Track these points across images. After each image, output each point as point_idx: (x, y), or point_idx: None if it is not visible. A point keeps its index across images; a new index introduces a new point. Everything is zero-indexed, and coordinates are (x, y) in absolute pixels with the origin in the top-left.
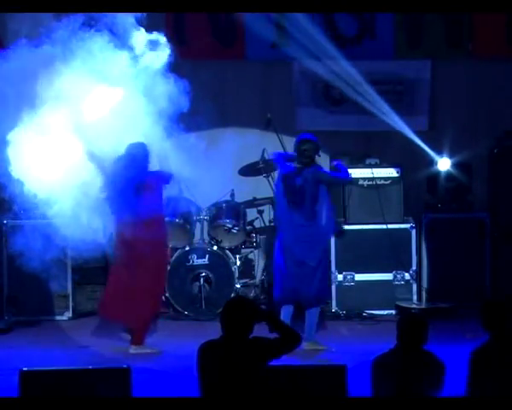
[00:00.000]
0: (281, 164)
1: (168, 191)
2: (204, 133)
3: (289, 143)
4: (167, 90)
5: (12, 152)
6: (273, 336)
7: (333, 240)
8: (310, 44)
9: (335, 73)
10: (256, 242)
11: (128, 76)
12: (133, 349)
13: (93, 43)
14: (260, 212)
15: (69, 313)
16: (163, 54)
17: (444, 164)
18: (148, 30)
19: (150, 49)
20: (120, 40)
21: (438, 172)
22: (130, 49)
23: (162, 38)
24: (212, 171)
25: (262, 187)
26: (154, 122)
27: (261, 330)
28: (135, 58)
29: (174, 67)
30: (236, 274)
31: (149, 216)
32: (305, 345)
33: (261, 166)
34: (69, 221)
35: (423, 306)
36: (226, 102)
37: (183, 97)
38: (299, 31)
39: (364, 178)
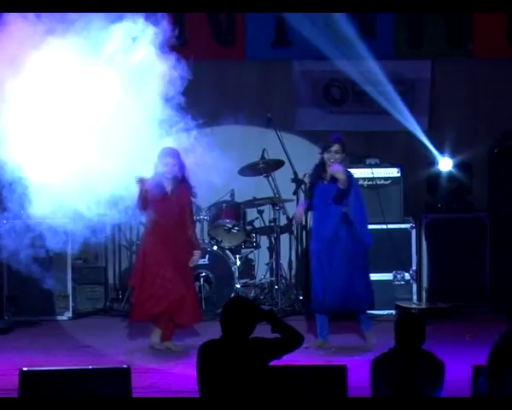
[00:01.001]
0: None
1: None
2: (203, 133)
3: (289, 143)
4: (165, 72)
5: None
6: (274, 336)
7: None
8: (311, 44)
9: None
10: (256, 242)
11: (122, 53)
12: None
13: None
14: (260, 212)
15: (69, 313)
16: (161, 32)
17: (445, 164)
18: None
19: (147, 26)
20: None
21: (438, 173)
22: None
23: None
24: (212, 171)
25: (262, 187)
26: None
27: (264, 331)
28: (130, 35)
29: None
30: (236, 274)
31: None
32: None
33: (261, 166)
34: (68, 214)
35: (423, 306)
36: (226, 102)
37: (180, 81)
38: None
39: (364, 178)
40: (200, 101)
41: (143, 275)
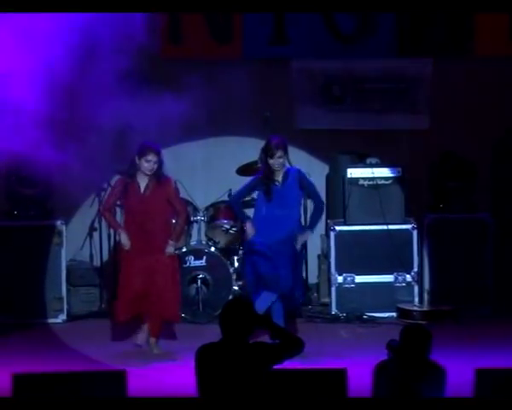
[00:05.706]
0: None
1: None
2: (201, 132)
3: (288, 142)
4: None
5: None
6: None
7: (332, 241)
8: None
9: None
10: None
11: None
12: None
13: None
14: None
15: (64, 316)
16: None
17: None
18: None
19: None
20: None
21: (440, 172)
22: None
23: None
24: (210, 171)
25: None
26: None
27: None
28: None
29: (169, 65)
30: (234, 276)
31: None
32: None
33: (259, 165)
34: None
35: (425, 308)
36: (223, 100)
37: None
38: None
39: (365, 178)
40: (197, 99)
41: (123, 274)
